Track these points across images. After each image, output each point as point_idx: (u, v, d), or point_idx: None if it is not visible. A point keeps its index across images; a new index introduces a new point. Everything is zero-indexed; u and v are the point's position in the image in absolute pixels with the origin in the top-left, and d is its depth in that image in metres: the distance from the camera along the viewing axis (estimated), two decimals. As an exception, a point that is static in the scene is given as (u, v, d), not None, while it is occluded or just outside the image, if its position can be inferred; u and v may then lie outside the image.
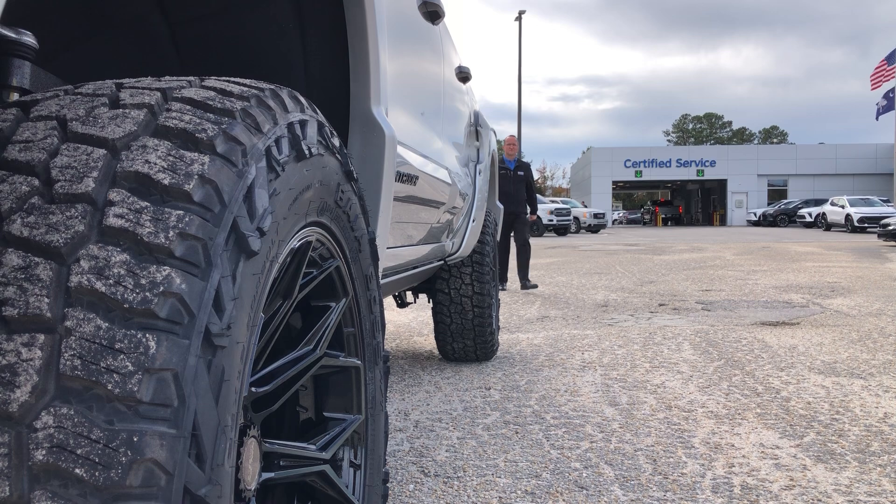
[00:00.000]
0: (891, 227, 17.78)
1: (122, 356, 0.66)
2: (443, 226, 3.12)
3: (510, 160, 8.73)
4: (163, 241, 0.72)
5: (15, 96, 0.97)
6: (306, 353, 1.12)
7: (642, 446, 2.68)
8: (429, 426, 2.99)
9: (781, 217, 37.80)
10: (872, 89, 34.54)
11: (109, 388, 0.65)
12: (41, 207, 0.72)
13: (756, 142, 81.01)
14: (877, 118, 35.32)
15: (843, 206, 29.04)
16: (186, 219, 0.74)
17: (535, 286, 8.38)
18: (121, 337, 0.67)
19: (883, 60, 33.57)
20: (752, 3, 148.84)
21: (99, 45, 1.72)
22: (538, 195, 13.73)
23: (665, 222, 50.74)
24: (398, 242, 2.37)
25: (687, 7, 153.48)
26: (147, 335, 0.68)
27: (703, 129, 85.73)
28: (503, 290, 8.23)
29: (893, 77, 32.78)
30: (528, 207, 8.76)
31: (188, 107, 0.84)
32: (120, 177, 0.75)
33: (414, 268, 3.02)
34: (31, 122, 0.80)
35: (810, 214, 33.78)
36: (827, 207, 31.08)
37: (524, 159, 9.40)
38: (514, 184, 8.58)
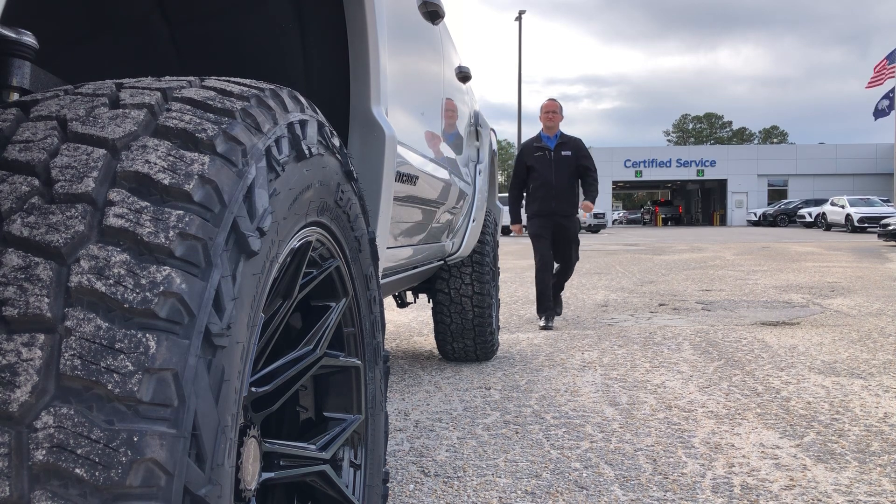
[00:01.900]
0: (891, 227, 17.78)
1: (122, 356, 0.66)
2: (443, 226, 3.12)
3: (549, 135, 5.87)
4: (163, 241, 0.72)
5: (15, 96, 0.97)
6: (306, 353, 1.12)
7: (642, 446, 2.68)
8: (429, 426, 2.99)
9: (781, 217, 37.79)
10: (868, 87, 34.43)
11: (109, 388, 0.65)
12: (41, 207, 0.72)
13: (756, 142, 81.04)
14: (875, 119, 35.18)
15: (843, 206, 29.04)
16: (186, 219, 0.74)
17: (559, 313, 5.97)
18: (121, 337, 0.67)
19: (883, 59, 33.49)
20: (750, 3, 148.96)
21: (99, 45, 1.72)
22: None
23: (665, 222, 50.74)
24: (398, 242, 2.37)
25: (686, 6, 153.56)
26: (147, 335, 0.68)
27: (703, 129, 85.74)
28: (549, 328, 5.57)
29: (894, 76, 32.72)
30: (576, 206, 5.91)
31: (188, 107, 0.84)
32: (120, 177, 0.75)
33: (414, 268, 3.02)
34: (31, 122, 0.80)
35: (810, 214, 33.77)
36: (827, 207, 31.07)
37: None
38: (557, 170, 5.73)
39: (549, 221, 5.75)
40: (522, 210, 6.08)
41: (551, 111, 5.95)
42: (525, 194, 6.03)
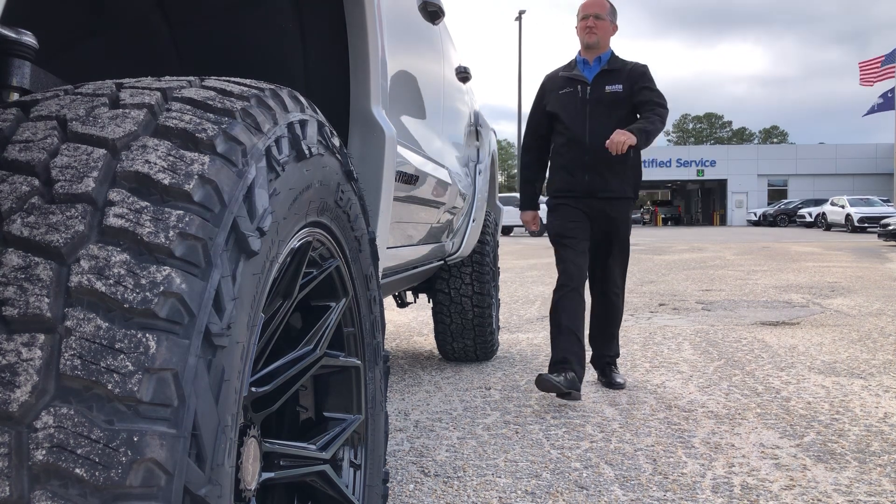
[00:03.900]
0: (891, 227, 17.78)
1: (122, 356, 0.66)
2: (443, 226, 3.12)
3: (587, 58, 3.49)
4: (163, 241, 0.72)
5: (15, 96, 0.97)
6: (306, 353, 1.12)
7: (642, 446, 2.68)
8: (429, 426, 2.99)
9: (781, 217, 37.82)
10: (862, 85, 34.47)
11: (109, 387, 0.65)
12: (41, 207, 0.72)
13: (756, 142, 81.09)
14: (864, 114, 35.28)
15: (843, 206, 29.06)
16: (186, 219, 0.74)
17: (623, 384, 3.53)
18: (121, 337, 0.67)
19: (873, 59, 33.49)
20: (749, 3, 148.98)
21: (99, 45, 1.72)
22: None
23: (665, 222, 50.71)
24: (398, 242, 2.37)
25: (685, 6, 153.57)
26: (147, 335, 0.68)
27: (703, 129, 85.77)
28: (569, 397, 3.13)
29: (892, 76, 32.73)
30: (633, 183, 3.47)
31: (188, 107, 0.84)
32: (120, 177, 0.75)
33: (414, 268, 3.02)
34: (31, 122, 0.80)
35: (810, 214, 33.80)
36: (827, 207, 31.10)
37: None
38: (595, 116, 3.37)
39: (580, 208, 3.41)
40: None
41: (592, 15, 3.44)
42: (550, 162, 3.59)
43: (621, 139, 3.16)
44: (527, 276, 9.52)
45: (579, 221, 3.42)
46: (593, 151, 3.36)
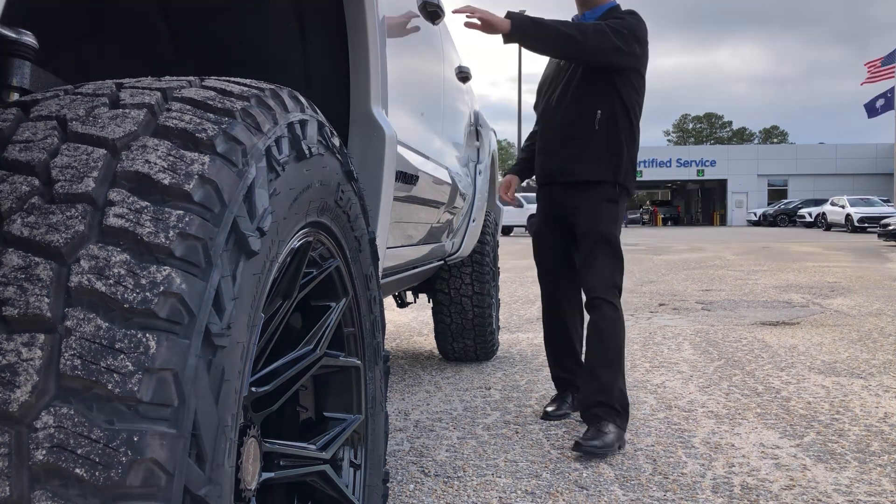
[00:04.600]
0: (891, 227, 17.79)
1: (122, 356, 0.66)
2: (443, 226, 3.12)
3: (580, 18, 2.88)
4: (163, 240, 0.72)
5: (15, 96, 0.97)
6: (306, 353, 1.12)
7: (642, 446, 2.68)
8: (429, 426, 2.99)
9: (781, 217, 37.83)
10: (863, 84, 34.41)
11: (109, 387, 0.65)
12: (41, 207, 0.72)
13: (756, 142, 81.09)
14: (869, 116, 35.21)
15: (843, 206, 29.08)
16: (186, 219, 0.74)
17: (600, 449, 2.50)
18: (121, 337, 0.67)
19: (878, 59, 33.45)
20: (749, 2, 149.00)
21: (99, 45, 1.72)
22: None
23: (665, 222, 50.70)
24: (398, 242, 2.37)
25: (685, 6, 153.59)
26: (147, 335, 0.68)
27: (703, 129, 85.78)
28: (559, 415, 3.03)
29: (892, 77, 32.72)
30: (612, 165, 2.75)
31: (188, 107, 0.84)
32: (120, 177, 0.75)
33: (414, 268, 3.02)
34: (31, 122, 0.80)
35: (810, 214, 33.81)
36: (827, 207, 31.12)
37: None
38: (568, 82, 2.83)
39: (546, 202, 2.99)
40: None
41: None
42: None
43: (477, 9, 2.61)
44: (527, 276, 9.52)
45: (544, 223, 3.02)
46: (559, 128, 2.85)
